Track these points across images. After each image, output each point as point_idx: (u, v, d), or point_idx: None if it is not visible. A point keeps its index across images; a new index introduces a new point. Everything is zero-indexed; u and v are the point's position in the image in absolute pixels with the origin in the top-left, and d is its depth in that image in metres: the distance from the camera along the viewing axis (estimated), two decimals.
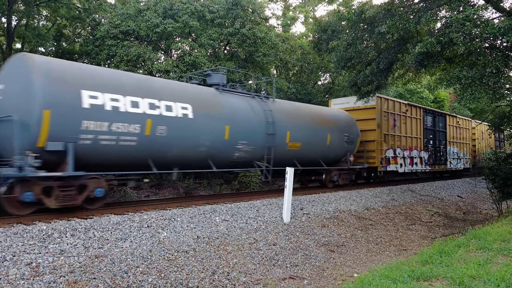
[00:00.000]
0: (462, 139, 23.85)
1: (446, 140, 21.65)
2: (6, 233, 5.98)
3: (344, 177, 14.95)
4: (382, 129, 16.28)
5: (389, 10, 12.00)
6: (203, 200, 10.77)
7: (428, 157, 19.71)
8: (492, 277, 4.78)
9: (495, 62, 10.08)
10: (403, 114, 17.76)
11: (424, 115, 19.74)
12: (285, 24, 28.33)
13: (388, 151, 16.51)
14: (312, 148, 13.37)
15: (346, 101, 17.18)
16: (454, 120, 23.02)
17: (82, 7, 18.85)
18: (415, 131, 18.87)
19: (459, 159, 23.36)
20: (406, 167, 17.69)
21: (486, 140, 27.35)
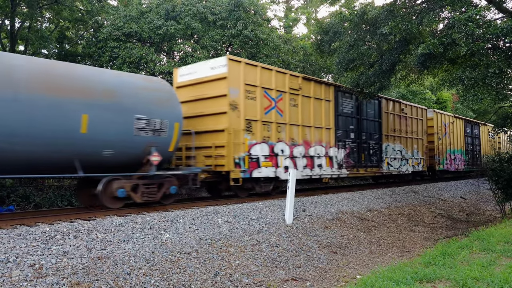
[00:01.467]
0: (410, 133, 18.49)
1: (381, 133, 16.35)
2: (9, 235, 6.00)
3: (146, 190, 8.97)
4: (243, 111, 10.65)
5: (391, 11, 11.98)
6: (205, 201, 10.77)
7: (345, 157, 14.24)
8: (495, 279, 4.76)
9: (498, 63, 10.05)
10: (294, 92, 12.28)
11: (337, 96, 14.16)
12: (287, 25, 28.35)
13: (256, 146, 10.90)
14: (39, 140, 7.37)
15: (194, 70, 11.42)
16: (395, 106, 17.58)
17: (84, 9, 18.93)
18: (319, 119, 13.20)
19: (405, 159, 17.83)
20: (300, 171, 12.20)
21: (452, 134, 23.00)
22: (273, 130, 11.52)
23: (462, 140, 24.03)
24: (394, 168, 17.03)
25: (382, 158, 16.28)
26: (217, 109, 10.68)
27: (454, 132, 22.95)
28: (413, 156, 18.51)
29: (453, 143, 22.67)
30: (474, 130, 26.34)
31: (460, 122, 24.09)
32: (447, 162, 21.77)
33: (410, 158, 18.25)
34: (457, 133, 23.45)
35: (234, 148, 10.31)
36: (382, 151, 16.32)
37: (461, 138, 24.00)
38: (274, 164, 11.42)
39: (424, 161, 19.49)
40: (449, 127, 22.31)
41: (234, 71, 10.54)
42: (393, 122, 17.30)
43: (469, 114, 35.12)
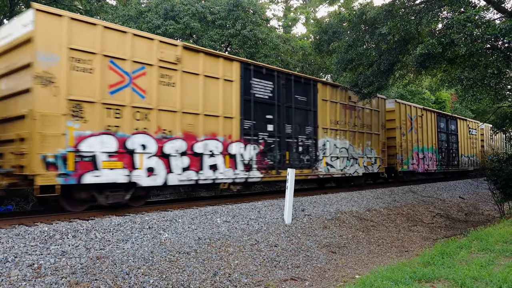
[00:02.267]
0: (360, 127, 15.46)
1: (317, 126, 13.38)
2: (8, 234, 5.99)
3: None
4: (65, 88, 7.56)
5: (390, 11, 12.00)
6: (204, 201, 10.77)
7: (258, 155, 11.18)
8: (494, 279, 4.76)
9: (496, 63, 10.07)
10: (169, 66, 9.17)
11: (246, 76, 11.05)
12: (286, 25, 28.36)
13: (90, 139, 7.85)
14: None
15: (9, 32, 8.15)
16: (339, 93, 14.48)
17: (83, 9, 18.90)
18: (213, 105, 10.19)
19: (353, 159, 14.90)
20: (177, 173, 9.24)
21: (420, 129, 19.81)
22: (127, 116, 8.35)
23: (434, 137, 20.85)
24: (337, 169, 13.88)
25: (319, 157, 13.07)
26: (19, 85, 7.65)
27: (423, 127, 19.88)
28: (365, 155, 15.38)
29: (422, 140, 19.58)
30: (450, 125, 22.91)
31: (431, 116, 20.90)
32: (414, 162, 18.59)
33: (361, 157, 15.16)
34: (427, 128, 20.30)
35: (41, 141, 7.12)
36: (319, 148, 13.10)
37: (433, 134, 20.81)
38: (127, 165, 8.28)
39: (381, 160, 16.34)
40: (416, 121, 19.24)
41: (49, 30, 7.36)
42: (335, 112, 14.08)
43: (468, 114, 35.18)
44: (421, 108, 20.08)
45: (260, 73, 11.45)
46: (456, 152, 23.51)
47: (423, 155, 19.62)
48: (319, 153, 13.25)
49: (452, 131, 23.25)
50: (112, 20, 17.32)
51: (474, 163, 26.21)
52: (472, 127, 26.24)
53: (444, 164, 21.86)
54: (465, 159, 24.86)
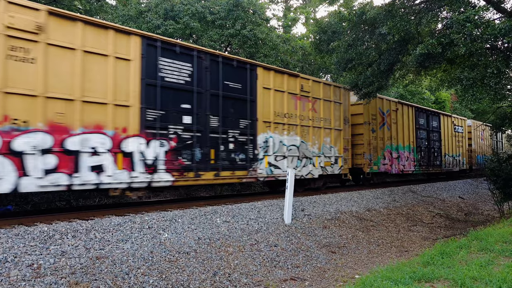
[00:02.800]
0: (316, 121, 13.24)
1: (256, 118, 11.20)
2: (8, 234, 5.99)
3: None
4: None
5: (390, 11, 12.00)
6: (204, 201, 10.77)
7: (168, 154, 9.06)
8: (494, 279, 4.77)
9: (496, 63, 10.08)
10: (24, 35, 7.09)
11: (150, 54, 8.85)
12: (286, 25, 28.35)
13: None
14: None
15: None
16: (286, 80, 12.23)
17: (83, 9, 18.90)
18: (98, 88, 7.96)
19: (306, 158, 12.69)
20: (36, 177, 7.07)
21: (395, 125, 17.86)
22: None
23: (411, 134, 18.80)
24: (284, 171, 11.72)
25: (258, 156, 10.95)
26: None
27: (398, 123, 17.94)
28: (323, 154, 13.24)
29: (396, 138, 17.59)
30: (431, 121, 20.72)
31: (408, 110, 18.81)
32: (386, 162, 16.63)
33: (317, 157, 12.99)
34: (404, 124, 18.27)
35: None
36: (258, 145, 10.95)
37: (411, 131, 18.79)
38: None
39: (344, 160, 14.20)
40: (390, 116, 17.35)
41: None
42: (283, 103, 11.91)
43: (467, 114, 35.18)
44: (395, 102, 18.04)
45: (172, 52, 9.17)
46: (438, 151, 21.29)
47: (398, 154, 17.56)
48: (258, 151, 10.92)
49: (434, 128, 21.08)
50: (112, 20, 17.32)
51: (460, 163, 24.01)
52: (458, 124, 24.24)
53: (423, 165, 19.70)
54: (450, 159, 22.61)
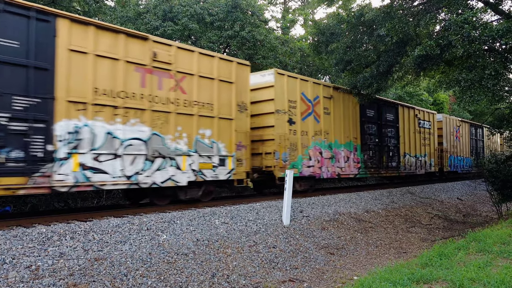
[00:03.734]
0: (186, 104, 9.61)
1: (54, 97, 7.49)
2: (6, 236, 5.98)
3: None
4: None
5: (388, 13, 12.04)
6: (202, 202, 10.76)
7: None
8: (492, 280, 4.78)
9: (494, 64, 10.11)
10: None
11: None
12: (284, 26, 28.38)
13: None
14: None
15: None
16: (123, 42, 8.50)
17: (82, 10, 18.89)
18: None
19: (159, 157, 8.83)
20: None
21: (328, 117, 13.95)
22: None
23: (354, 128, 15.20)
24: (114, 176, 8.18)
25: (56, 155, 7.39)
26: None
27: (335, 114, 14.20)
28: (197, 152, 9.70)
29: (331, 132, 13.97)
30: (384, 113, 17.11)
31: (350, 99, 14.86)
32: (312, 163, 12.98)
33: (185, 156, 9.47)
34: (343, 115, 14.57)
35: None
36: (56, 137, 7.38)
37: (353, 124, 15.12)
38: None
39: (237, 161, 10.68)
40: (320, 105, 13.55)
41: None
42: (115, 76, 8.28)
43: (466, 116, 35.25)
44: (330, 87, 14.24)
45: None
46: (395, 150, 17.55)
47: (332, 153, 13.83)
48: (56, 146, 7.39)
49: (389, 121, 17.38)
50: (110, 21, 17.32)
51: (426, 165, 20.20)
52: (424, 118, 20.43)
53: (373, 167, 16.01)
54: (411, 160, 18.85)
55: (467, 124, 26.01)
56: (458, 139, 24.01)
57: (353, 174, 14.95)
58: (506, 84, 12.11)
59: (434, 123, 21.40)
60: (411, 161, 18.84)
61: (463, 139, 24.62)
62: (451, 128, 23.40)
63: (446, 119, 22.72)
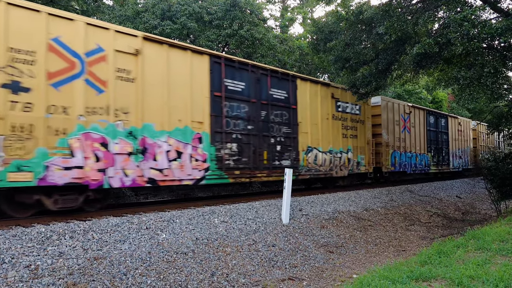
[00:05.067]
0: None
1: None
2: (5, 236, 5.97)
3: None
4: None
5: (387, 11, 12.03)
6: (202, 201, 10.77)
7: None
8: (491, 278, 4.78)
9: (493, 62, 10.12)
10: None
11: None
12: (283, 25, 28.37)
13: None
14: None
15: None
16: None
17: (80, 9, 18.87)
18: None
19: None
20: None
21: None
22: None
23: (199, 108, 9.92)
24: None
25: None
26: None
27: (143, 80, 8.86)
28: None
29: (141, 110, 8.76)
30: (267, 89, 11.84)
31: (184, 57, 9.78)
32: (79, 160, 7.69)
33: None
34: (169, 84, 9.36)
35: None
36: None
37: (195, 101, 9.88)
38: None
39: None
40: (103, 63, 8.30)
41: None
42: None
43: (464, 114, 35.28)
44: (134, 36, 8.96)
45: None
46: (289, 143, 12.43)
47: (137, 145, 8.73)
48: None
49: (278, 100, 12.14)
50: (109, 20, 17.29)
51: (351, 164, 15.03)
52: (347, 100, 15.02)
53: (239, 167, 10.89)
54: (323, 157, 13.73)
55: (423, 111, 20.31)
56: (407, 130, 18.77)
57: (191, 179, 9.66)
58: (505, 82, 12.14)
59: (366, 108, 16.32)
60: (322, 158, 13.41)
61: (416, 130, 19.42)
62: (396, 115, 18.02)
63: (386, 103, 17.52)
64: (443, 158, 22.21)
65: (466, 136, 25.66)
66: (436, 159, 21.27)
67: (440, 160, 21.80)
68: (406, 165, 18.44)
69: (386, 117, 17.36)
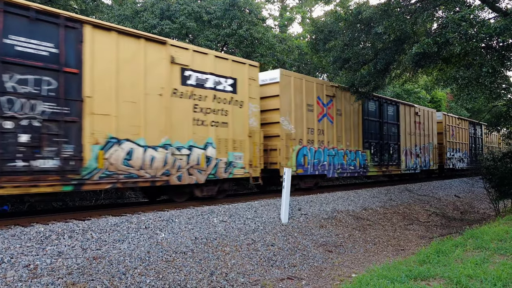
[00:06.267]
0: None
1: None
2: (4, 235, 5.97)
3: None
4: None
5: (386, 11, 12.04)
6: (201, 201, 10.77)
7: None
8: (489, 277, 4.80)
9: (491, 62, 10.13)
10: None
11: None
12: (282, 24, 28.37)
13: None
14: None
15: None
16: None
17: (79, 9, 18.84)
18: None
19: None
20: None
21: None
22: None
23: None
24: None
25: None
26: None
27: None
28: None
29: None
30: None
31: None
32: None
33: None
34: None
35: None
36: None
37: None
38: None
39: None
40: None
41: None
42: None
43: (463, 113, 35.32)
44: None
45: None
46: (67, 131, 7.55)
47: None
48: None
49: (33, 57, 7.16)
50: (107, 19, 17.28)
51: (212, 164, 10.05)
52: (204, 70, 10.05)
53: None
54: (151, 156, 8.77)
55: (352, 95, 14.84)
56: (329, 118, 14.06)
57: None
58: (503, 81, 12.15)
59: (251, 85, 11.26)
60: (145, 156, 8.62)
61: (344, 119, 14.79)
62: (309, 97, 13.16)
63: (291, 81, 12.53)
64: (391, 157, 17.35)
65: (427, 130, 20.82)
66: (378, 158, 16.49)
67: (385, 159, 16.86)
68: (325, 166, 13.54)
69: (289, 100, 12.35)
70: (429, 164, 20.94)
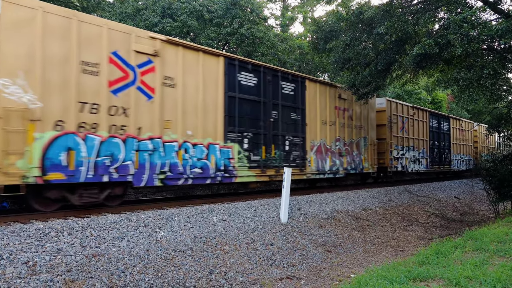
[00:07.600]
0: None
1: None
2: (3, 232, 5.97)
3: None
4: None
5: (388, 11, 12.03)
6: (200, 199, 10.77)
7: None
8: (488, 278, 4.79)
9: (492, 64, 10.12)
10: None
11: None
12: (283, 24, 28.36)
13: None
14: None
15: None
16: None
17: (80, 6, 18.83)
18: None
19: None
20: None
21: None
22: None
23: None
24: None
25: None
26: None
27: None
28: None
29: None
30: None
31: None
32: None
33: None
34: None
35: None
36: None
37: None
38: None
39: None
40: None
41: None
42: None
43: (464, 115, 35.30)
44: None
45: None
46: None
47: None
48: None
49: None
50: (109, 17, 17.27)
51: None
52: None
53: None
54: None
55: None
56: None
57: None
58: (504, 83, 12.16)
59: None
60: None
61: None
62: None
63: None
64: (288, 156, 12.30)
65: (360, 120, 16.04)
66: (258, 155, 11.29)
67: (272, 158, 11.69)
68: (128, 168, 8.28)
69: (26, 44, 7.03)
70: (362, 166, 15.86)
